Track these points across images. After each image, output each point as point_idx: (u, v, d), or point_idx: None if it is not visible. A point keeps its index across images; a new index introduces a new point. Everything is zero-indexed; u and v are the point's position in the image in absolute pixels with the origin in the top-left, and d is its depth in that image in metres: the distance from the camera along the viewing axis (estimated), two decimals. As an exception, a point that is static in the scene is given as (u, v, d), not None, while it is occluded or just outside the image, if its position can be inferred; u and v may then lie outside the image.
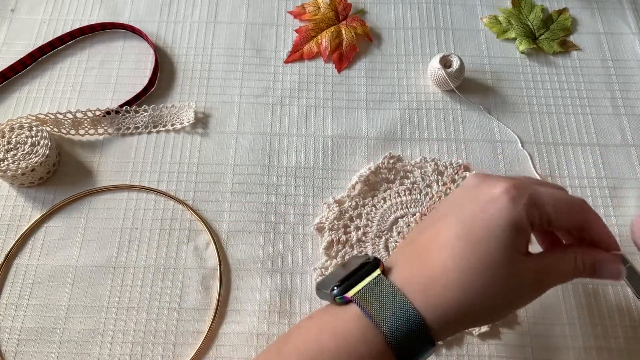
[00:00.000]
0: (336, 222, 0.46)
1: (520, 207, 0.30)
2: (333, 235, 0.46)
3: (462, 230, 0.31)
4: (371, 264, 0.32)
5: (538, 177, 0.49)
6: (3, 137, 0.47)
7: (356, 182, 0.48)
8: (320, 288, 0.34)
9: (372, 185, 0.48)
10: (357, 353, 0.29)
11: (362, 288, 0.31)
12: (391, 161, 0.49)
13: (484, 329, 0.42)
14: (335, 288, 0.32)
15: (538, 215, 0.30)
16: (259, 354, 0.34)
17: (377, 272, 0.32)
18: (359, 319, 0.30)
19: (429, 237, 0.32)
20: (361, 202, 0.47)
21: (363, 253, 0.45)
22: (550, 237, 0.36)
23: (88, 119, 0.50)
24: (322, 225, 0.47)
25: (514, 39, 0.58)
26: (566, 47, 0.57)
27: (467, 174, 0.48)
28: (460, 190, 0.34)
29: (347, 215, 0.47)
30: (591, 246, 0.33)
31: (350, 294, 0.31)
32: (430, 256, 0.31)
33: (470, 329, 0.42)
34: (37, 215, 0.47)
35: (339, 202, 0.48)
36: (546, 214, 0.31)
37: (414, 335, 0.29)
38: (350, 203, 0.47)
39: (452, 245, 0.30)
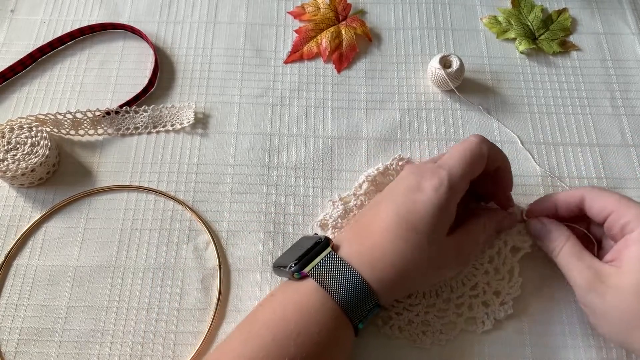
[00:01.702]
0: (340, 220, 0.46)
1: (442, 196, 0.37)
2: (336, 233, 0.46)
3: (397, 217, 0.37)
4: (323, 243, 0.38)
5: (538, 177, 0.49)
6: (3, 137, 0.47)
7: (363, 181, 0.48)
8: (278, 266, 0.40)
9: (379, 185, 0.48)
10: (317, 321, 0.35)
11: (316, 264, 0.37)
12: (400, 163, 0.49)
13: (488, 326, 0.42)
14: (293, 265, 0.37)
15: (461, 192, 0.38)
16: (228, 337, 0.37)
17: (328, 249, 0.38)
18: (316, 291, 0.36)
19: (370, 219, 0.39)
20: (366, 202, 0.47)
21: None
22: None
23: (88, 120, 0.50)
24: (325, 222, 0.46)
25: (514, 39, 0.58)
26: (566, 47, 0.57)
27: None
28: (397, 180, 0.41)
29: (352, 214, 0.47)
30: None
31: (306, 270, 0.37)
32: (373, 236, 0.38)
33: (469, 330, 0.42)
34: (36, 215, 0.47)
35: (344, 201, 0.47)
36: (467, 184, 0.39)
37: (362, 299, 0.36)
38: (355, 202, 0.47)
39: (387, 229, 0.37)
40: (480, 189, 0.43)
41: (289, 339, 0.34)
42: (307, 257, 0.37)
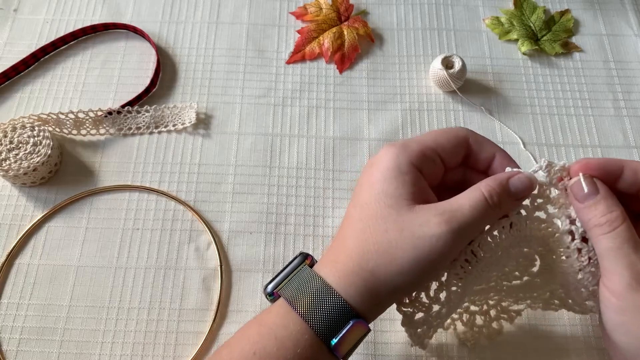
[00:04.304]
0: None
1: (393, 154, 0.31)
2: None
3: (356, 198, 0.32)
4: (299, 259, 0.34)
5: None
6: (5, 136, 0.47)
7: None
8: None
9: None
10: (277, 336, 0.30)
11: (287, 281, 0.32)
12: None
13: (494, 326, 0.42)
14: (268, 287, 0.33)
15: (417, 152, 0.32)
16: None
17: (303, 264, 0.33)
18: (281, 307, 0.31)
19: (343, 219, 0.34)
20: None
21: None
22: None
23: (90, 119, 0.50)
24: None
25: (516, 40, 0.58)
26: (568, 48, 0.57)
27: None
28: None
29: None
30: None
31: (277, 289, 0.32)
32: (340, 233, 0.33)
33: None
34: (38, 215, 0.47)
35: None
36: (426, 147, 0.32)
37: (327, 306, 0.30)
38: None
39: (350, 215, 0.32)
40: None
41: (247, 359, 0.30)
42: (282, 275, 0.33)
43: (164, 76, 0.55)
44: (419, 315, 0.34)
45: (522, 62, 0.56)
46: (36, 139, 0.47)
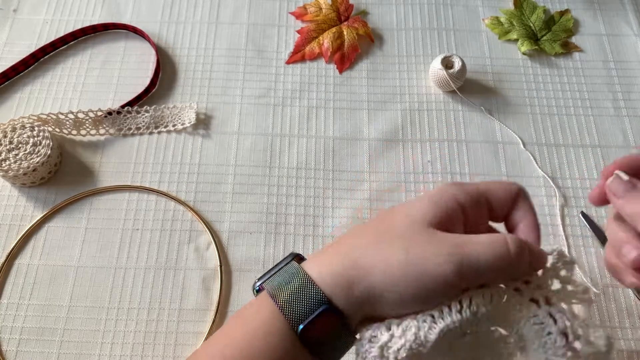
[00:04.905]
0: None
1: (442, 186, 0.30)
2: None
3: (377, 219, 0.31)
4: (288, 258, 0.33)
5: (540, 178, 0.49)
6: (5, 137, 0.47)
7: None
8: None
9: None
10: (249, 324, 0.30)
11: (273, 276, 0.31)
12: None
13: None
14: (257, 281, 0.32)
15: (465, 189, 0.30)
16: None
17: (292, 263, 0.32)
18: (260, 298, 0.31)
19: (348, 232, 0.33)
20: None
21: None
22: None
23: (90, 119, 0.50)
24: None
25: (516, 40, 0.57)
26: (568, 48, 0.57)
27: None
28: None
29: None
30: None
31: (263, 283, 0.32)
32: (342, 238, 0.32)
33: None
34: (38, 215, 0.47)
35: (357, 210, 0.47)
36: (477, 189, 0.30)
37: (297, 289, 0.29)
38: None
39: (361, 228, 0.31)
40: None
41: (219, 348, 0.30)
42: (270, 273, 0.33)
43: (164, 76, 0.55)
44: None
45: (522, 62, 0.56)
46: (36, 139, 0.47)
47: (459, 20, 0.59)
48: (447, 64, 0.52)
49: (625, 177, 0.31)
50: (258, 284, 0.33)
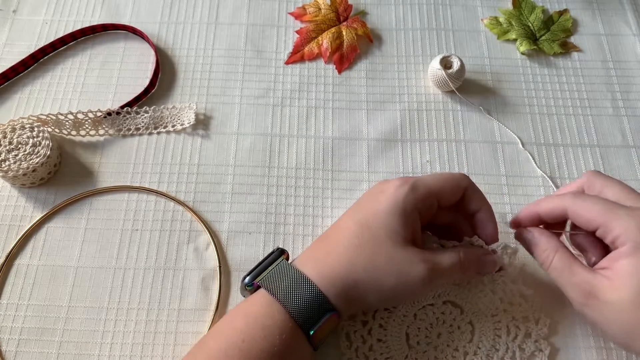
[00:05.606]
0: None
1: (403, 193, 0.36)
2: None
3: (357, 215, 0.38)
4: (276, 253, 0.39)
5: (539, 178, 0.49)
6: (4, 137, 0.47)
7: None
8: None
9: None
10: (264, 325, 0.34)
11: (267, 273, 0.37)
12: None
13: None
14: (246, 278, 0.37)
15: (423, 197, 0.37)
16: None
17: (280, 258, 0.38)
18: (263, 297, 0.35)
19: (331, 229, 0.39)
20: None
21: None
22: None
23: (89, 120, 0.50)
24: None
25: (515, 40, 0.58)
26: (567, 48, 0.57)
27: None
28: (365, 192, 0.41)
29: None
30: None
31: (257, 280, 0.37)
32: (329, 238, 0.38)
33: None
34: (38, 215, 0.47)
35: None
36: (431, 194, 0.37)
37: (309, 300, 0.34)
38: None
39: (347, 228, 0.37)
40: (459, 235, 0.41)
41: (235, 347, 0.33)
42: (259, 268, 0.38)
43: (163, 77, 0.55)
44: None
45: (521, 62, 0.57)
46: (35, 139, 0.47)
47: (458, 21, 0.59)
48: (445, 64, 0.52)
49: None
50: (249, 279, 0.37)
